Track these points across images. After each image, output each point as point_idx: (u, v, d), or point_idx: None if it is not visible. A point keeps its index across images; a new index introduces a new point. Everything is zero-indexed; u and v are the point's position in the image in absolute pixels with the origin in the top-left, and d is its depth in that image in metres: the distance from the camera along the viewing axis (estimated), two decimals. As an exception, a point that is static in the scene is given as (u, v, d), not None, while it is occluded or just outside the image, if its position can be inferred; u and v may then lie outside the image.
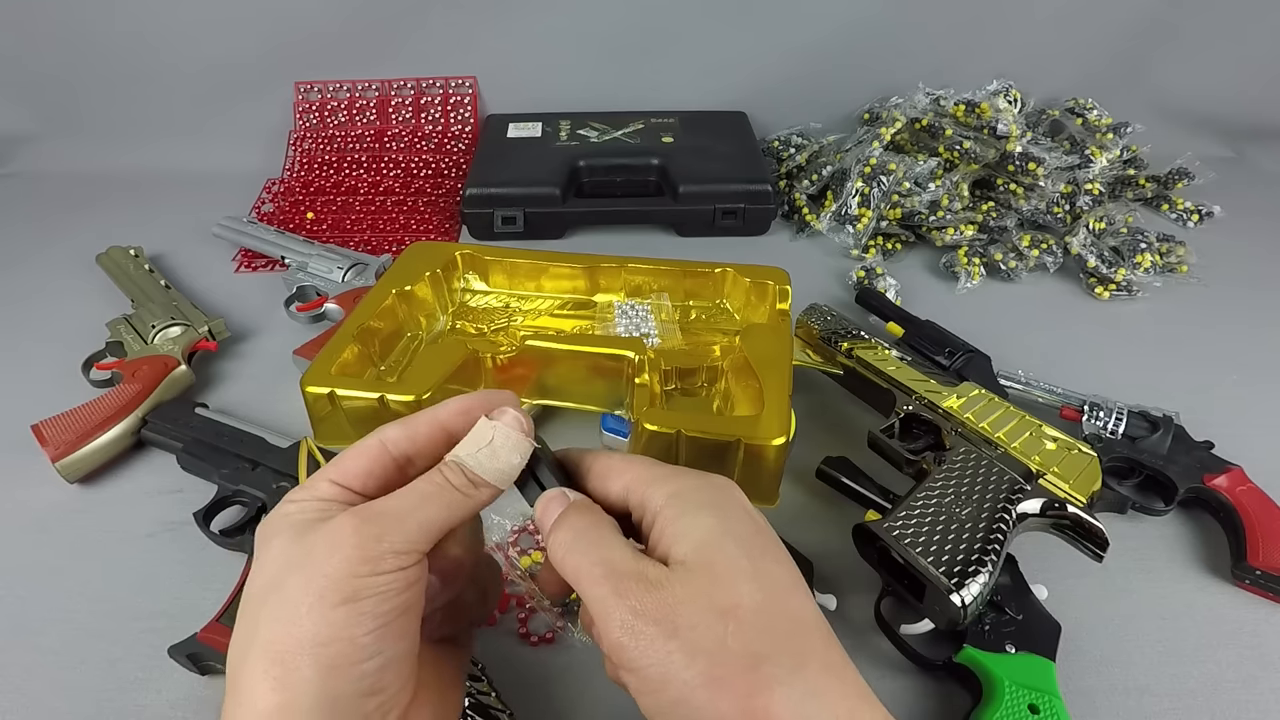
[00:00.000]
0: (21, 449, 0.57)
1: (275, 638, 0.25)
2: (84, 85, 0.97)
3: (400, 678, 0.27)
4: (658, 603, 0.26)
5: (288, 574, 0.26)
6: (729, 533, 0.28)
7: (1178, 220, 0.91)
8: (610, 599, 0.27)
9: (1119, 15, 0.98)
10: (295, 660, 0.25)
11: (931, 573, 0.41)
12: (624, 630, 0.26)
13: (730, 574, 0.27)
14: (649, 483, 0.30)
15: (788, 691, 0.25)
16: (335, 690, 0.25)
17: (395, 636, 0.27)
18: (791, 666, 0.26)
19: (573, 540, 0.29)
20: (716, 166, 0.88)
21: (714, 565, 0.27)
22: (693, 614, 0.26)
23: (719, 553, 0.27)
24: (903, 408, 0.56)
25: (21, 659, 0.46)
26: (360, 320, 0.59)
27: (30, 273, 0.81)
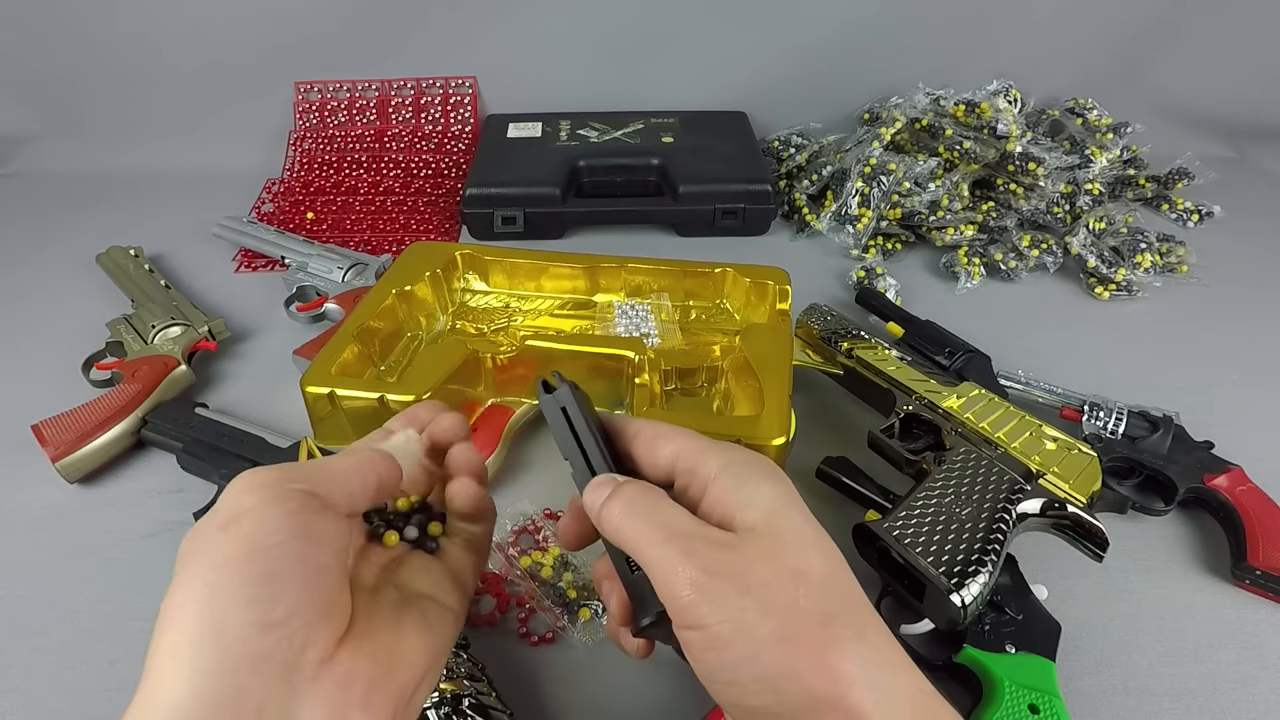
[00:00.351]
0: (21, 449, 0.57)
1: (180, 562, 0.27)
2: (84, 85, 0.97)
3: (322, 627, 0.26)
4: (730, 561, 0.26)
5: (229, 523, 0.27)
6: (793, 503, 0.29)
7: (1178, 220, 0.91)
8: (678, 558, 0.27)
9: (1119, 15, 0.98)
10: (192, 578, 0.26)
11: (931, 573, 0.41)
12: (694, 587, 0.26)
13: (799, 541, 0.27)
14: (701, 451, 0.30)
15: (858, 650, 0.25)
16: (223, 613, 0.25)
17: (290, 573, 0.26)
18: (856, 631, 0.26)
19: (628, 507, 0.29)
20: (716, 166, 0.88)
21: (783, 532, 0.27)
22: (765, 573, 0.26)
23: (786, 521, 0.28)
24: (903, 408, 0.56)
25: (21, 659, 0.46)
26: (360, 320, 0.59)
27: (30, 273, 0.81)
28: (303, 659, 0.25)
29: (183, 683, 0.24)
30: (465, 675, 0.41)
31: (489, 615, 0.48)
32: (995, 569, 0.42)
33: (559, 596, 0.48)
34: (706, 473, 0.29)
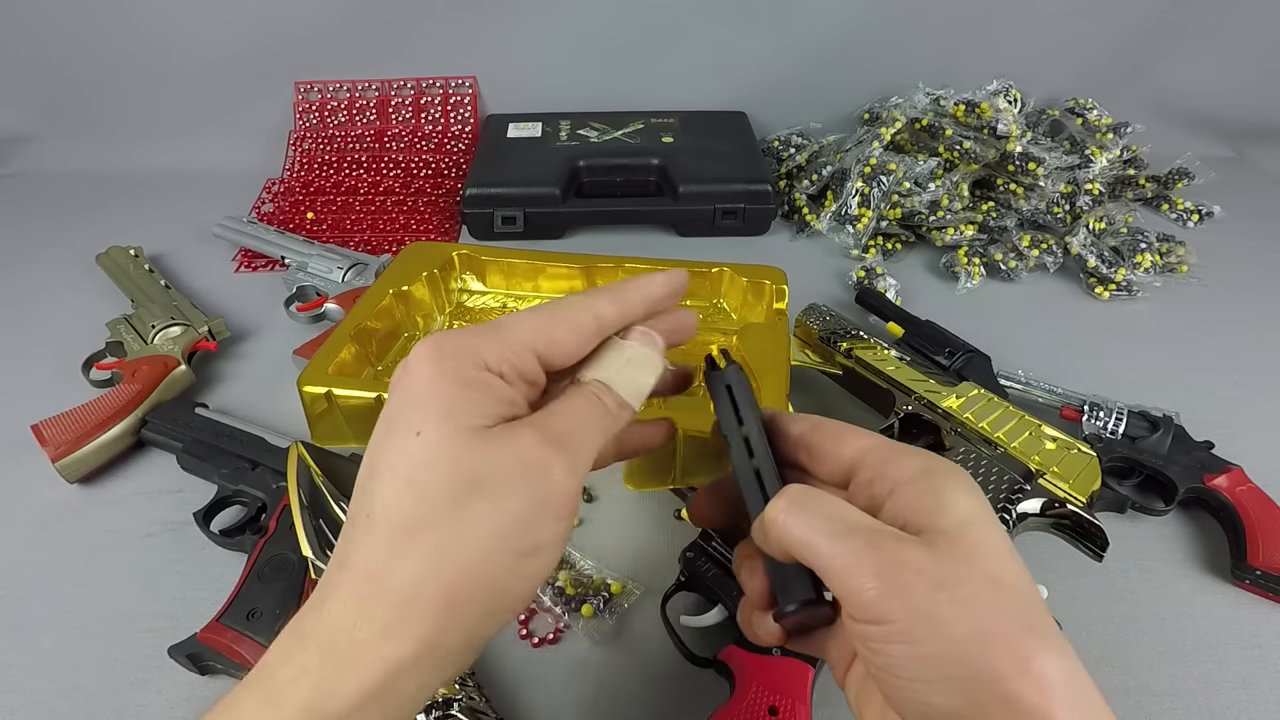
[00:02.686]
0: (21, 449, 0.57)
1: (456, 568, 0.24)
2: (85, 85, 0.97)
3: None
4: (922, 556, 0.25)
5: (470, 492, 0.25)
6: (990, 516, 0.27)
7: (1178, 220, 0.91)
8: (862, 550, 0.25)
9: (1119, 15, 0.98)
10: (467, 601, 0.25)
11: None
12: (880, 578, 0.24)
13: (996, 551, 0.26)
14: (894, 451, 0.29)
15: (1062, 666, 0.24)
16: (481, 636, 0.25)
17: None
18: (1060, 650, 0.24)
19: (795, 501, 0.27)
20: (716, 166, 0.88)
21: (981, 542, 0.26)
22: (961, 574, 0.25)
23: (984, 531, 0.26)
24: (902, 408, 0.56)
25: (21, 659, 0.46)
26: (358, 320, 0.59)
27: (31, 273, 0.81)
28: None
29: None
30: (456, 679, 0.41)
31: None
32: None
33: (558, 595, 0.48)
34: (899, 474, 0.28)
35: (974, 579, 0.25)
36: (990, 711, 0.23)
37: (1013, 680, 0.23)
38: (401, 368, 0.27)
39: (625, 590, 0.49)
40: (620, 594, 0.49)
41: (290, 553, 0.47)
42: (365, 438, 0.54)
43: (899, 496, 0.27)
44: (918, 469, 0.28)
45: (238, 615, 0.44)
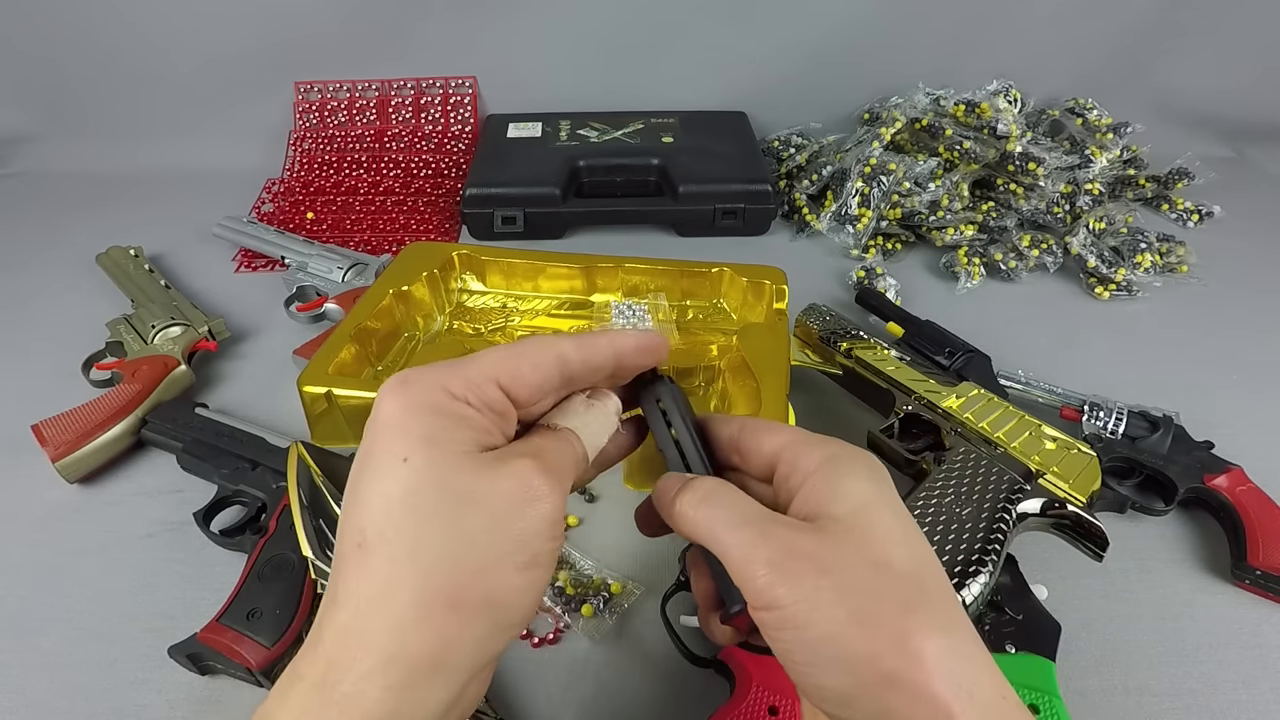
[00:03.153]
0: (21, 449, 0.57)
1: (458, 583, 0.25)
2: (84, 85, 0.97)
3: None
4: (808, 544, 0.26)
5: (467, 510, 0.25)
6: (885, 501, 0.28)
7: (1178, 220, 0.91)
8: (757, 539, 0.26)
9: (1119, 15, 0.98)
10: (473, 616, 0.25)
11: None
12: (770, 566, 0.26)
13: (885, 536, 0.27)
14: (804, 444, 0.30)
15: (942, 642, 0.25)
16: (491, 651, 0.26)
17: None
18: (942, 626, 0.25)
19: (703, 497, 0.29)
20: (716, 166, 0.88)
21: (870, 526, 0.27)
22: (845, 558, 0.26)
23: (875, 515, 0.27)
24: (902, 408, 0.56)
25: (21, 659, 0.46)
26: (358, 320, 0.59)
27: (30, 273, 0.81)
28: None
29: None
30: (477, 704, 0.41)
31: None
32: (995, 569, 0.42)
33: (558, 595, 0.48)
34: (807, 465, 0.29)
35: (857, 564, 0.26)
36: (874, 691, 0.24)
37: (890, 659, 0.24)
38: (373, 408, 0.27)
39: (625, 590, 0.49)
40: (620, 594, 0.49)
41: (290, 553, 0.47)
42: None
43: (805, 487, 0.29)
44: (822, 458, 0.29)
45: (238, 615, 0.44)
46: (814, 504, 0.28)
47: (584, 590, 0.49)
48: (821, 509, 0.28)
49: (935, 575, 0.27)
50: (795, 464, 0.29)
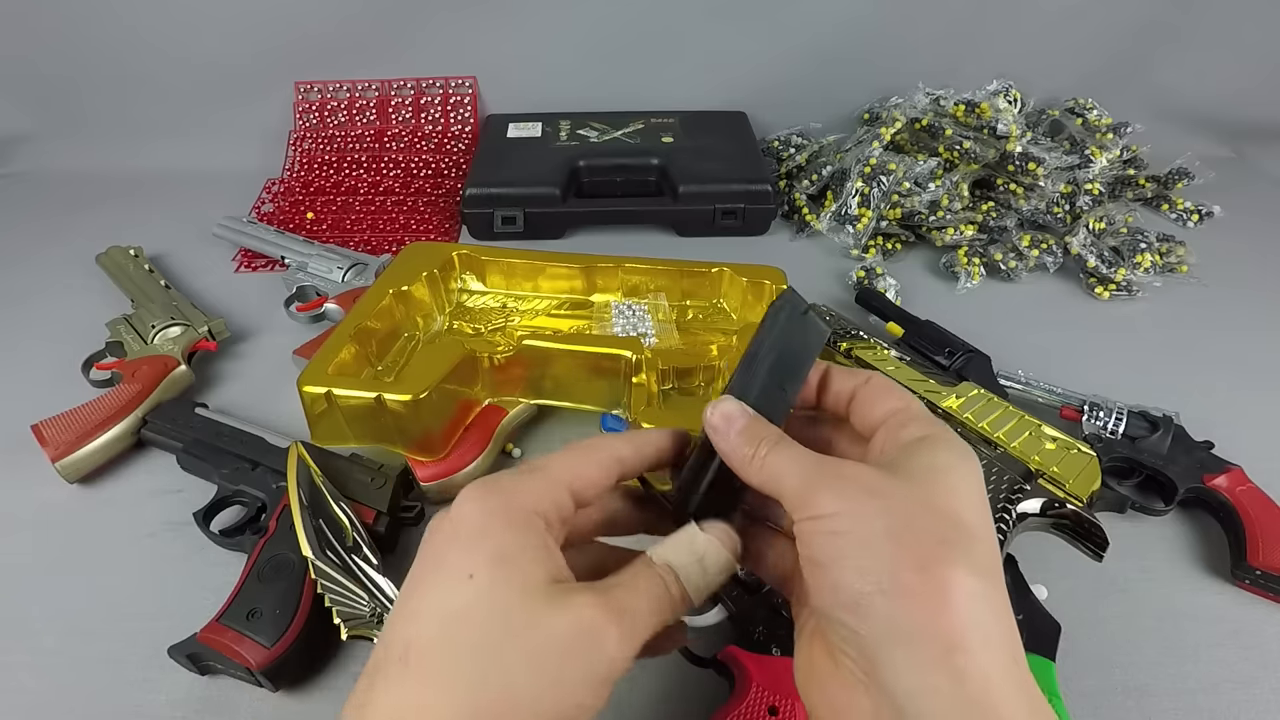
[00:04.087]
0: (21, 449, 0.57)
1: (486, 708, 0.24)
2: (84, 85, 0.97)
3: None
4: (866, 473, 0.27)
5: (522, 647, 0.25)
6: (963, 473, 0.27)
7: (1178, 220, 0.91)
8: (812, 468, 0.27)
9: (1119, 15, 0.98)
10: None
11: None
12: (822, 479, 0.27)
13: (948, 490, 0.26)
14: (912, 418, 0.29)
15: (970, 582, 0.24)
16: None
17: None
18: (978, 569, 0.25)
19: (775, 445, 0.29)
20: (716, 166, 0.88)
21: (937, 482, 0.27)
22: (899, 491, 0.26)
23: (947, 477, 0.27)
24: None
25: (21, 659, 0.46)
26: (357, 320, 0.59)
27: (30, 273, 0.81)
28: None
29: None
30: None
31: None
32: None
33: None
34: (904, 436, 0.29)
35: (910, 498, 0.26)
36: (890, 600, 0.24)
37: (913, 574, 0.24)
38: (447, 510, 0.28)
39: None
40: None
41: (290, 553, 0.47)
42: (365, 438, 0.55)
43: (893, 452, 0.29)
44: (921, 435, 0.29)
45: (238, 615, 0.44)
46: (895, 462, 0.28)
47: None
48: (900, 465, 0.28)
49: (985, 533, 0.26)
50: (896, 432, 0.29)
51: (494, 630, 0.25)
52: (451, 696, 0.24)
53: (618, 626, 0.26)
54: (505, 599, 0.25)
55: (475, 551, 0.26)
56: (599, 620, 0.26)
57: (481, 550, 0.26)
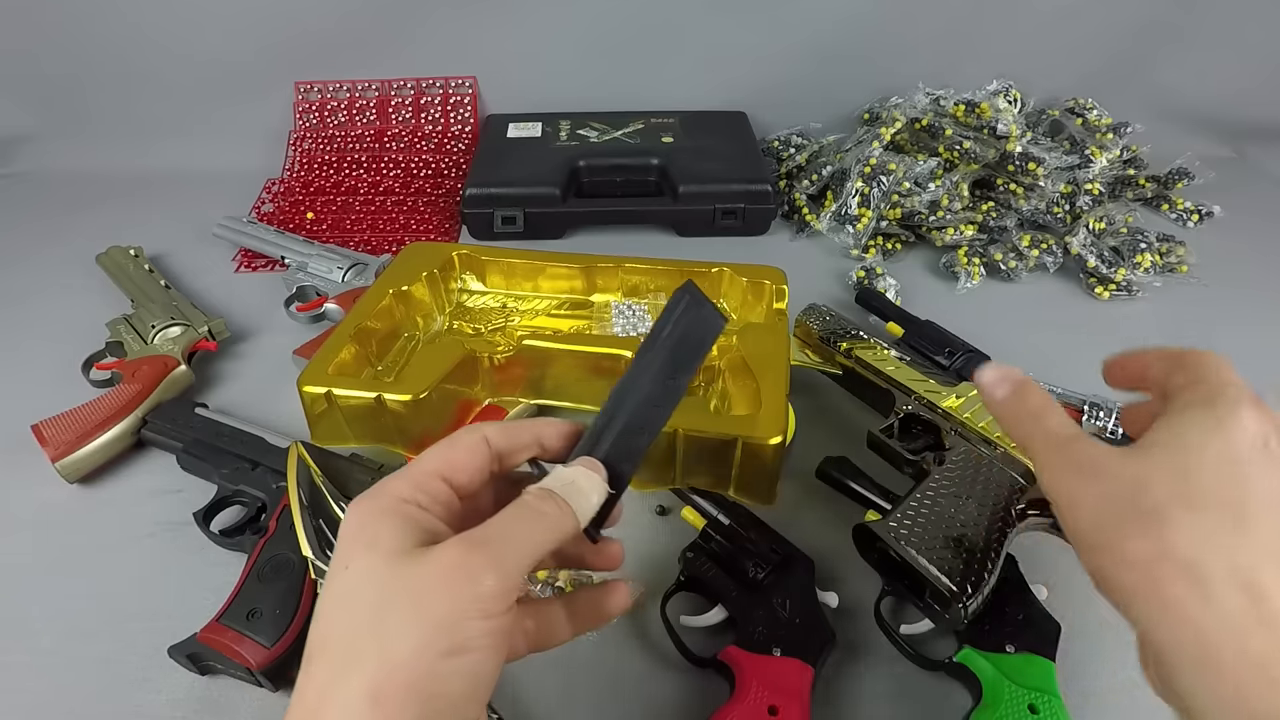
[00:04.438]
0: (21, 449, 0.57)
1: (378, 679, 0.25)
2: (85, 85, 0.97)
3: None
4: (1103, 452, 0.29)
5: (390, 605, 0.26)
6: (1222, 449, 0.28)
7: (1178, 220, 0.91)
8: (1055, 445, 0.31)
9: (1119, 15, 0.98)
10: (396, 708, 0.25)
11: (933, 573, 0.41)
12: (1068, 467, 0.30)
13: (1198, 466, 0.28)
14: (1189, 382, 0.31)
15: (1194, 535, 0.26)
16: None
17: (483, 695, 0.27)
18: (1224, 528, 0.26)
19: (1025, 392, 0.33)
20: (716, 166, 0.88)
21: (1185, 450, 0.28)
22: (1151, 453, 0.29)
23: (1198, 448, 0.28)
24: (902, 408, 0.56)
25: (21, 659, 0.46)
26: (358, 320, 0.59)
27: (30, 273, 0.81)
28: None
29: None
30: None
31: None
32: (996, 568, 0.42)
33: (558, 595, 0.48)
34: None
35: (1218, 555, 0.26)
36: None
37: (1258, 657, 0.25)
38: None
39: (625, 590, 0.49)
40: (620, 594, 0.49)
41: (290, 553, 0.47)
42: (365, 438, 0.55)
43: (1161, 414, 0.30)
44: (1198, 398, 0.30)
45: (238, 615, 0.44)
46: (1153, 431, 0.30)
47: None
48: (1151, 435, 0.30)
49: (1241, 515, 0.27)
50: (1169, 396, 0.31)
51: (368, 602, 0.26)
52: (341, 675, 0.25)
53: (482, 555, 0.27)
54: (374, 571, 0.27)
55: (352, 546, 0.28)
56: (460, 555, 0.27)
57: (357, 543, 0.28)
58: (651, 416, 0.34)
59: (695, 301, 0.35)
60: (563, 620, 0.34)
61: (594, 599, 0.35)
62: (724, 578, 0.47)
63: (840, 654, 0.46)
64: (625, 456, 0.34)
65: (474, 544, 0.27)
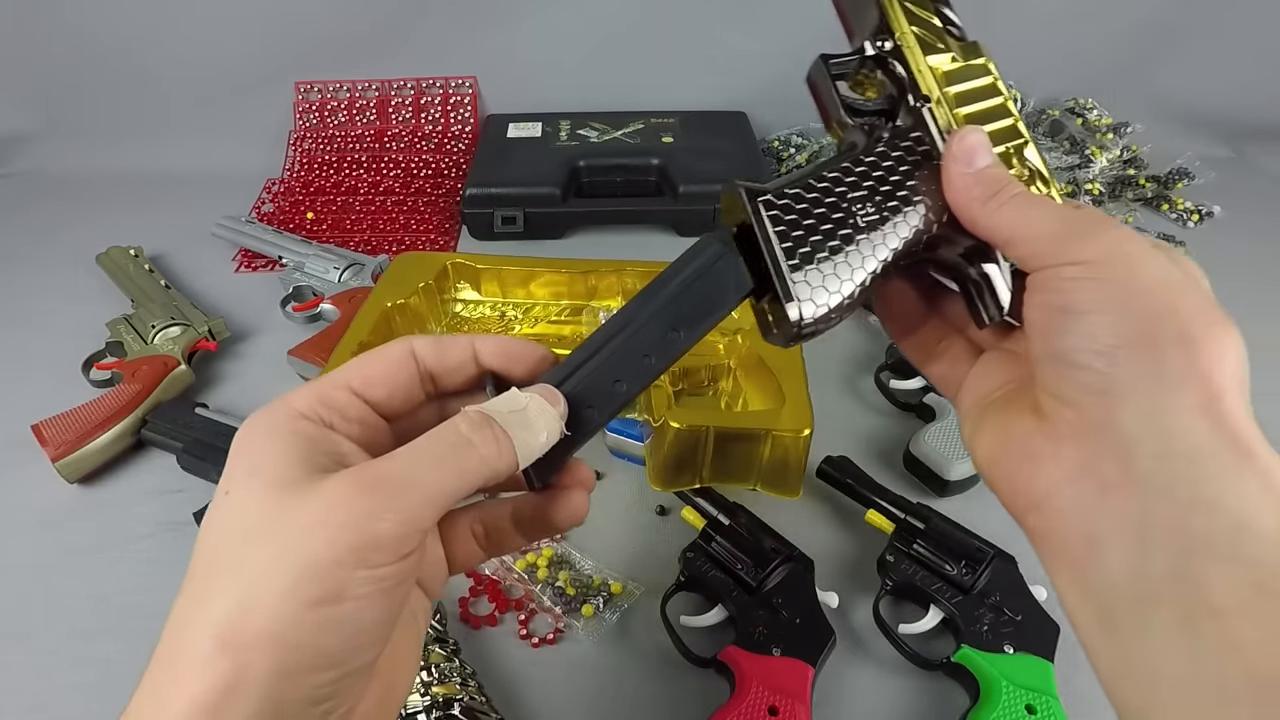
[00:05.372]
0: (21, 449, 0.57)
1: (231, 620, 0.22)
2: (85, 85, 0.97)
3: (360, 685, 0.24)
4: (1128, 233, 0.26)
5: (257, 541, 0.22)
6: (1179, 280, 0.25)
7: (1178, 220, 0.91)
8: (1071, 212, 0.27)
9: (1119, 15, 0.98)
10: (249, 655, 0.22)
11: (782, 263, 0.29)
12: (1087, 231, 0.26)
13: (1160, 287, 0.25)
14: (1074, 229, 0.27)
15: (1240, 342, 0.25)
16: (282, 696, 0.22)
17: (368, 645, 0.23)
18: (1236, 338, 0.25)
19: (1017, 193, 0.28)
20: (716, 166, 0.88)
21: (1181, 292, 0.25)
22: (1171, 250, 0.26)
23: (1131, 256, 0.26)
24: (878, 41, 0.35)
25: (21, 659, 0.46)
26: (358, 337, 0.58)
27: (30, 273, 0.81)
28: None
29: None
30: (457, 679, 0.41)
31: (489, 616, 0.48)
32: (857, 292, 0.30)
33: (558, 595, 0.48)
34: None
35: (1183, 259, 0.26)
36: (1155, 348, 0.24)
37: (1191, 324, 0.24)
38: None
39: (625, 590, 0.49)
40: (620, 594, 0.49)
41: (290, 553, 0.47)
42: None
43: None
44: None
45: (238, 615, 0.44)
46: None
47: (584, 590, 0.49)
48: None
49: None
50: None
51: (237, 534, 0.23)
52: (195, 607, 0.23)
53: (375, 497, 0.23)
54: (250, 501, 0.23)
55: (234, 467, 0.24)
56: (348, 493, 0.23)
57: (239, 465, 0.24)
58: (637, 366, 0.28)
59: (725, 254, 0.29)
60: (509, 528, 0.29)
61: (541, 506, 0.29)
62: (724, 578, 0.47)
63: (840, 654, 0.46)
64: (596, 400, 0.28)
65: (367, 481, 0.23)
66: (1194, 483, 0.23)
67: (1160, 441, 0.24)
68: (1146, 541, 0.23)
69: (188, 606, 0.24)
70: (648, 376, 0.29)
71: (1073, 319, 0.25)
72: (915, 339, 0.33)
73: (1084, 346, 0.25)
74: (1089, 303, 0.25)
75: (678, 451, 0.50)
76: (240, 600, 0.22)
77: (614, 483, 0.56)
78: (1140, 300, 0.24)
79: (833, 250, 0.29)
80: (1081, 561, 0.25)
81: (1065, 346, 0.25)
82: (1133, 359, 0.24)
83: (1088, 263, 0.25)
